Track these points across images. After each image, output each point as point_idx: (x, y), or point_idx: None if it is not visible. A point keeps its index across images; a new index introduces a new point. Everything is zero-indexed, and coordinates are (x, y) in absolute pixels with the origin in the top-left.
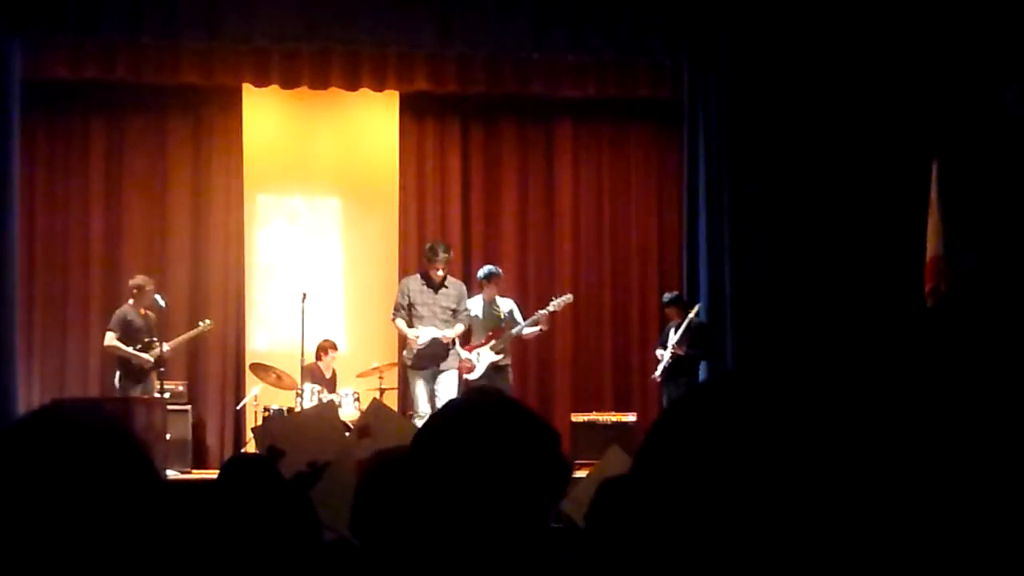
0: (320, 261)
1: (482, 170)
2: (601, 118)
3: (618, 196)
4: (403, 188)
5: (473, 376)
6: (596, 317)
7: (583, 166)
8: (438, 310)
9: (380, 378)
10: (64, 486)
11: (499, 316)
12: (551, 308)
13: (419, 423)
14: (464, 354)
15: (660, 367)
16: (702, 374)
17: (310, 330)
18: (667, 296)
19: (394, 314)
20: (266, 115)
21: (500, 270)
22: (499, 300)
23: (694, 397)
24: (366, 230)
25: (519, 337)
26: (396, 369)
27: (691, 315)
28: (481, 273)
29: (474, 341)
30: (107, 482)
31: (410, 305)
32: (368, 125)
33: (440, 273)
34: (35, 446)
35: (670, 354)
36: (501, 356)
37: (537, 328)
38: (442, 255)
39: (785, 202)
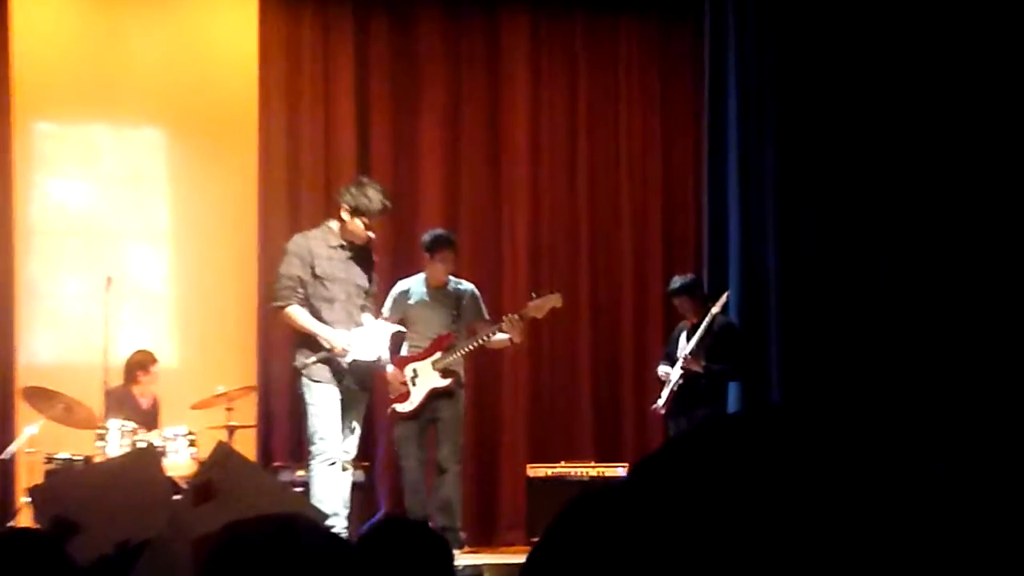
0: (134, 225)
1: (388, 85)
2: (572, 6)
3: (599, 127)
4: (265, 114)
5: (406, 408)
6: (568, 313)
7: (545, 80)
8: (353, 290)
9: (229, 410)
10: None
11: (452, 311)
12: (530, 312)
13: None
14: (393, 370)
15: (665, 392)
16: (731, 403)
17: (121, 337)
18: (676, 281)
19: (282, 296)
20: (47, 9)
21: (452, 235)
22: (453, 284)
23: (699, 445)
24: (207, 176)
25: (480, 348)
26: (254, 397)
27: (714, 311)
28: (426, 239)
29: (410, 350)
30: None
31: (315, 279)
32: (209, 20)
33: (372, 235)
34: None
35: (680, 371)
36: (449, 379)
37: (505, 338)
38: (377, 200)
39: (864, 147)
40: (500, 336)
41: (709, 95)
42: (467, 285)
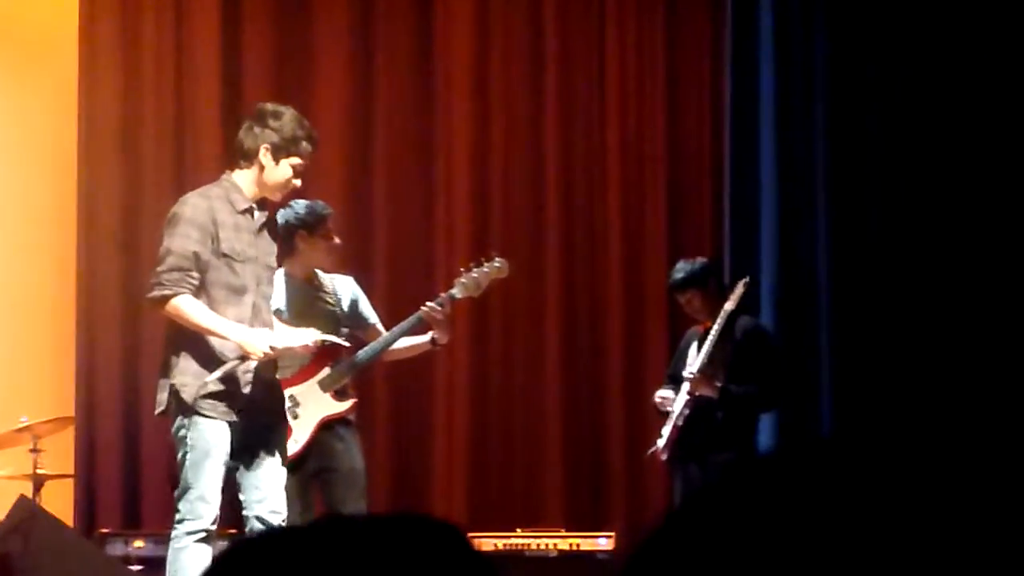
0: None
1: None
2: None
3: (580, 83)
4: (85, 34)
5: (290, 449)
6: (535, 316)
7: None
8: (264, 275)
9: (35, 452)
10: None
11: (333, 312)
12: (455, 293)
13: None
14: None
15: (667, 427)
16: (763, 440)
17: None
18: (681, 270)
19: (168, 281)
20: None
21: (329, 209)
22: (326, 279)
23: (720, 495)
24: (6, 112)
25: (378, 360)
26: (71, 432)
27: (727, 307)
28: (288, 216)
29: (284, 371)
30: None
31: (219, 258)
32: None
33: (298, 183)
34: None
35: (687, 397)
36: (343, 402)
37: (426, 338)
38: (305, 143)
39: (937, 113)
40: (415, 341)
41: (731, 46)
42: (347, 280)
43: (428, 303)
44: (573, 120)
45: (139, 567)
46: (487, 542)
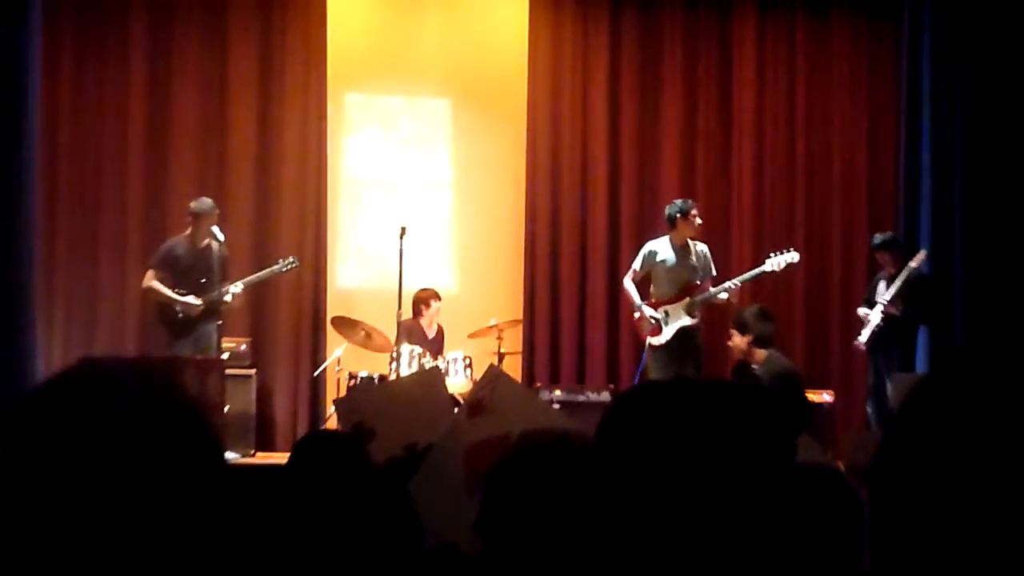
0: (424, 180)
1: (636, 70)
2: (794, 5)
3: (815, 108)
4: (533, 89)
5: (658, 341)
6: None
7: (769, 68)
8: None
9: (499, 339)
10: (104, 467)
11: (694, 266)
12: (768, 267)
13: None
14: (649, 311)
15: (866, 331)
16: (922, 342)
17: (411, 274)
18: (878, 237)
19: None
20: (356, 5)
21: (693, 203)
22: (691, 243)
23: (928, 397)
24: (484, 141)
25: (714, 299)
26: (520, 328)
27: (912, 264)
28: (673, 208)
29: (657, 295)
30: (160, 463)
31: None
32: (489, 9)
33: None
34: (67, 416)
35: (881, 314)
36: (695, 320)
37: (725, 296)
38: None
39: None
40: (726, 294)
41: (907, 84)
42: (703, 246)
43: (751, 271)
44: (812, 148)
45: (558, 406)
46: None
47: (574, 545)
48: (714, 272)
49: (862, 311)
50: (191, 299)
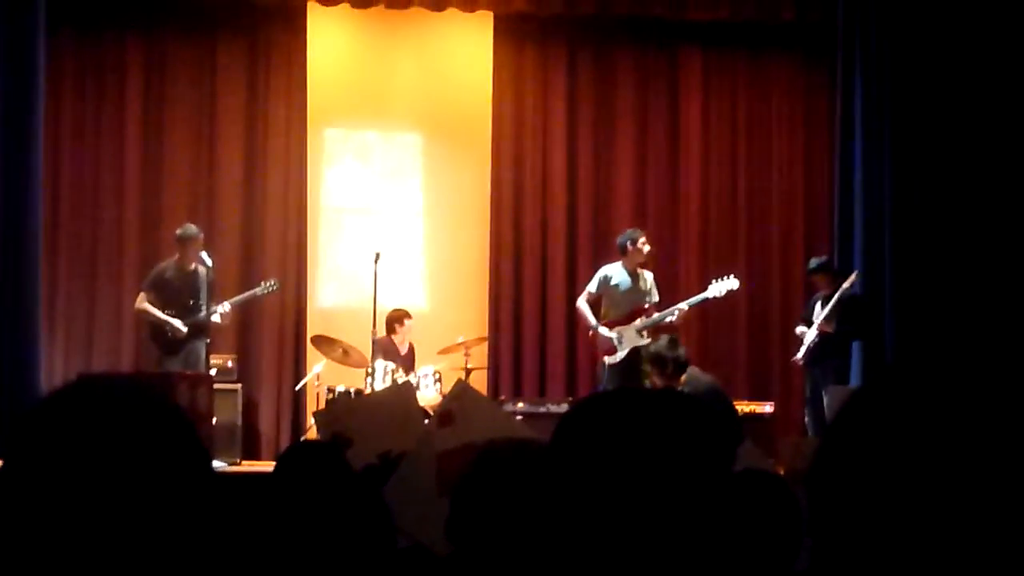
0: (397, 208)
1: (592, 106)
2: (736, 45)
3: (755, 141)
4: (497, 124)
5: (614, 360)
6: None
7: (713, 104)
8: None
9: (466, 355)
10: (101, 474)
11: (644, 291)
12: (711, 293)
13: None
14: (605, 332)
15: (804, 347)
16: (855, 356)
17: (385, 295)
18: (814, 262)
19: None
20: (335, 37)
21: (642, 232)
22: (640, 270)
23: (860, 406)
24: (452, 173)
25: (662, 322)
26: (486, 345)
27: (845, 286)
28: (624, 237)
29: (610, 317)
30: (152, 470)
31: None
32: (456, 50)
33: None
34: (64, 430)
35: (817, 332)
36: (646, 340)
37: (674, 318)
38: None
39: (963, 156)
40: (673, 317)
41: (840, 119)
42: (649, 274)
43: (693, 298)
44: (753, 178)
45: (520, 417)
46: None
47: (536, 544)
48: (656, 298)
49: (800, 329)
50: (177, 323)
